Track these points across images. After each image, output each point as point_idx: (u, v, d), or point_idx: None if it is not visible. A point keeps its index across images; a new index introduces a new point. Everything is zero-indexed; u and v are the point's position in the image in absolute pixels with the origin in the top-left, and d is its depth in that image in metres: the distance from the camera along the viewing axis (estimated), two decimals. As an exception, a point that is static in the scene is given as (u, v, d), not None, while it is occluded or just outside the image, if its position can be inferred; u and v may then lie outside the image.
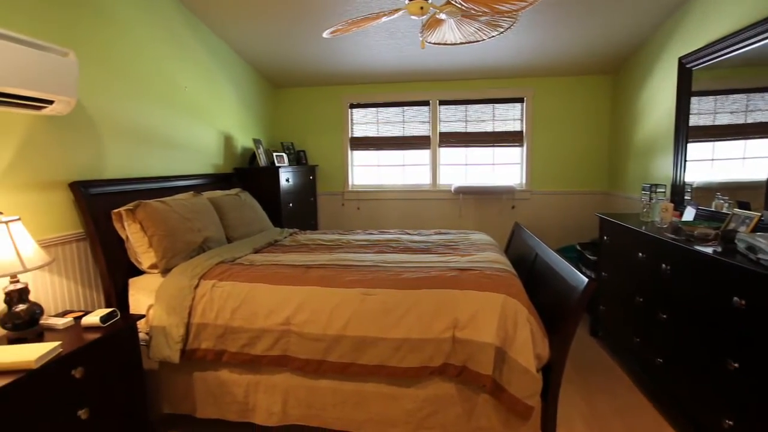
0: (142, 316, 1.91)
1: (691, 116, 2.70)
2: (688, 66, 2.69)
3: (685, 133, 2.75)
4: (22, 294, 1.60)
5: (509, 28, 2.12)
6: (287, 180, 3.78)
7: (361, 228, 4.59)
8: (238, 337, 1.89)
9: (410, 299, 1.81)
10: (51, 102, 1.77)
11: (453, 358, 1.73)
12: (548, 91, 4.20)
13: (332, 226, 4.71)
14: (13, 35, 1.58)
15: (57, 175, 1.98)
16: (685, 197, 2.72)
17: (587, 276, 1.61)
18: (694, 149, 2.69)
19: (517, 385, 1.65)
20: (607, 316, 2.88)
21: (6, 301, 1.58)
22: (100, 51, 2.24)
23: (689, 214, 2.44)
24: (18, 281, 1.60)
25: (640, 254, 2.34)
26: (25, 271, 1.55)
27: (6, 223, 1.54)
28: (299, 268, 2.13)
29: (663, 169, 3.07)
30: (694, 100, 2.67)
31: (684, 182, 2.76)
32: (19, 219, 1.60)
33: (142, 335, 1.96)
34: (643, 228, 2.39)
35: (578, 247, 3.70)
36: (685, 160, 2.75)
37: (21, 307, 1.59)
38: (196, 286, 1.99)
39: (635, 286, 2.42)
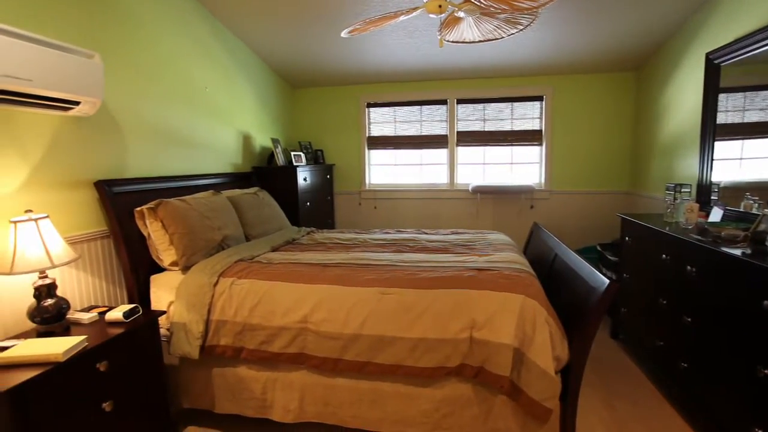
0: (163, 313, 1.95)
1: (718, 113, 2.62)
2: (716, 62, 2.61)
3: (712, 130, 2.66)
4: (50, 289, 1.66)
5: (529, 25, 2.09)
6: (305, 179, 3.81)
7: (378, 227, 4.59)
8: (256, 335, 1.91)
9: (427, 299, 1.81)
10: (77, 103, 1.82)
11: (470, 358, 1.72)
12: (568, 88, 4.13)
13: (349, 225, 4.72)
14: (44, 39, 1.63)
15: (82, 174, 2.03)
16: (712, 197, 2.64)
17: (608, 277, 1.58)
18: (722, 148, 2.60)
19: (536, 387, 1.62)
20: (629, 319, 2.82)
21: (35, 296, 1.64)
22: (123, 53, 2.29)
23: (716, 214, 2.37)
24: (46, 277, 1.65)
25: (664, 256, 2.28)
26: (53, 267, 1.60)
27: (35, 220, 1.59)
28: (316, 266, 2.14)
29: (688, 168, 2.99)
30: (721, 96, 2.59)
31: (710, 182, 2.68)
32: (47, 216, 1.65)
33: (163, 331, 2.01)
34: (667, 229, 2.32)
35: (598, 248, 3.63)
36: (712, 159, 2.66)
37: (49, 301, 1.64)
38: (216, 284, 2.02)
39: (658, 289, 2.36)
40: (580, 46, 3.47)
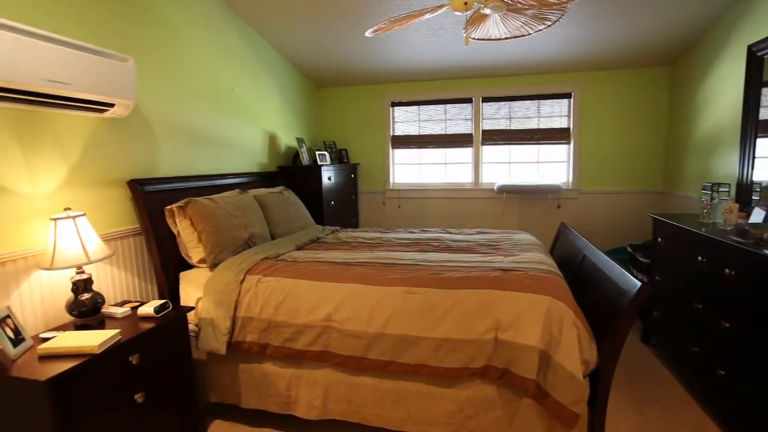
0: (191, 308, 2.00)
1: (761, 108, 2.49)
2: (759, 54, 2.48)
3: (753, 126, 2.54)
4: (86, 284, 1.73)
5: (557, 21, 2.04)
6: (329, 178, 3.84)
7: (402, 226, 4.59)
8: (281, 332, 1.94)
9: (451, 299, 1.79)
10: (112, 105, 1.88)
11: (495, 360, 1.70)
12: (598, 85, 4.01)
13: (373, 224, 4.74)
14: (82, 44, 1.70)
15: (116, 174, 2.11)
16: (753, 197, 2.51)
17: (639, 279, 1.52)
18: (764, 145, 2.47)
19: (563, 391, 1.58)
20: (661, 323, 2.72)
21: (73, 290, 1.71)
22: (154, 56, 2.36)
23: (758, 215, 2.26)
24: (83, 272, 1.72)
25: (700, 258, 2.19)
26: (89, 263, 1.67)
27: (73, 218, 1.66)
28: (341, 265, 2.16)
29: (727, 166, 2.86)
30: (765, 91, 2.46)
31: (752, 181, 2.55)
32: (84, 214, 1.72)
33: (191, 326, 2.06)
34: (704, 230, 2.23)
35: (629, 249, 3.51)
36: (754, 157, 2.54)
37: (86, 296, 1.71)
38: (242, 281, 2.06)
39: (693, 292, 2.27)
40: (610, 41, 3.37)
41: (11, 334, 1.45)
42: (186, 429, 1.88)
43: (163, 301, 1.88)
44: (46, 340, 1.54)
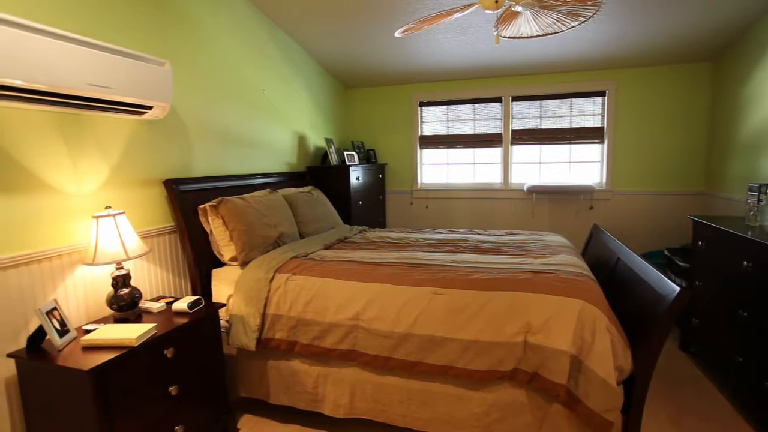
0: (223, 305, 2.05)
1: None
2: (809, 48, 2.33)
3: (804, 125, 2.39)
4: (125, 279, 1.80)
5: (592, 16, 1.98)
6: (357, 178, 3.87)
7: (430, 227, 4.56)
8: (310, 330, 1.96)
9: (480, 300, 1.77)
10: (150, 108, 1.96)
11: (524, 363, 1.67)
12: (634, 82, 3.87)
13: (400, 225, 4.73)
14: (121, 49, 1.78)
15: (153, 173, 2.19)
16: (803, 199, 2.37)
17: (677, 284, 1.46)
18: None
19: (595, 398, 1.54)
20: (702, 330, 2.60)
21: (113, 285, 1.79)
22: (189, 59, 2.44)
23: (808, 218, 2.12)
24: (122, 268, 1.80)
25: (745, 263, 2.08)
26: (128, 259, 1.74)
27: (114, 216, 1.74)
28: (369, 265, 2.17)
29: (774, 166, 2.70)
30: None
31: (802, 182, 2.40)
32: (123, 213, 1.80)
33: (222, 323, 2.12)
34: (749, 233, 2.11)
35: (666, 253, 3.37)
36: (804, 157, 2.39)
37: (124, 290, 1.79)
38: (272, 279, 2.09)
39: (738, 299, 2.16)
40: (648, 37, 3.24)
41: (57, 326, 1.53)
42: (217, 422, 1.94)
43: (196, 297, 1.94)
44: (88, 331, 1.62)
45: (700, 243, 2.63)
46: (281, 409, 2.15)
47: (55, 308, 1.56)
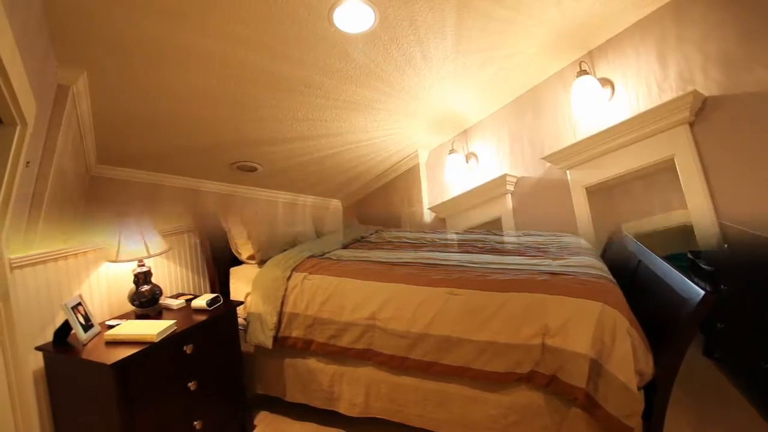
0: (240, 303, 2.08)
1: None
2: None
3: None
4: (146, 276, 1.84)
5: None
6: (373, 179, 3.87)
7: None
8: (326, 329, 1.97)
9: (497, 301, 1.75)
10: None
11: (542, 366, 1.64)
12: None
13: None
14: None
15: (175, 173, 2.23)
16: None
17: (702, 288, 1.42)
18: None
19: (615, 403, 1.51)
20: (727, 335, 2.52)
21: (134, 282, 1.83)
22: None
23: (842, 220, 2.04)
24: (144, 265, 1.84)
25: (773, 266, 2.01)
26: (149, 256, 1.78)
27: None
28: (385, 264, 2.16)
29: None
30: None
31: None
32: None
33: (240, 320, 2.14)
34: (778, 236, 2.04)
35: (689, 255, 3.28)
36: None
37: (145, 287, 1.83)
38: (289, 278, 2.11)
39: (766, 303, 2.08)
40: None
41: (82, 320, 1.58)
42: (234, 418, 1.96)
43: (214, 295, 1.97)
44: (111, 327, 1.66)
45: (725, 245, 2.55)
46: (297, 406, 2.16)
47: (79, 303, 1.61)
